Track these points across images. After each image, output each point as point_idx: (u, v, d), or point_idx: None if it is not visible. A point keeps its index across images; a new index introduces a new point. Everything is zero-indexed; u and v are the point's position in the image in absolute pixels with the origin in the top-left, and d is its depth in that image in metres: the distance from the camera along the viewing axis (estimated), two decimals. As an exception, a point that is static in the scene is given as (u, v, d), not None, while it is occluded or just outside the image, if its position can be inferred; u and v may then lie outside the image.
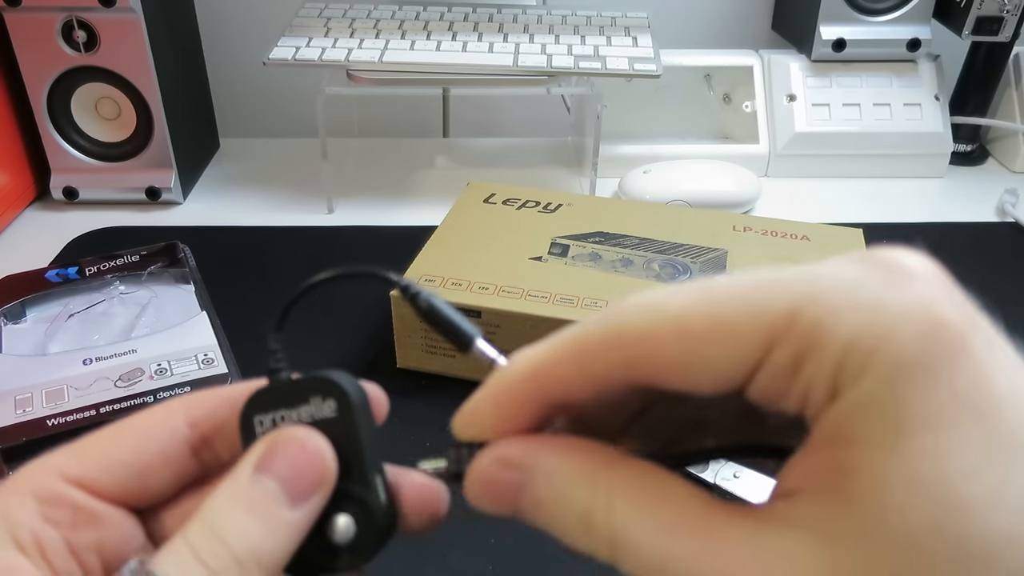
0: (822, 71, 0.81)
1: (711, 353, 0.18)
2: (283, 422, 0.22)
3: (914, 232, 0.73)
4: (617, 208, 0.63)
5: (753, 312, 0.17)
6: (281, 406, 0.22)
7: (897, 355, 0.16)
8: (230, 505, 0.20)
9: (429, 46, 0.70)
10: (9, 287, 0.58)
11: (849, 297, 0.17)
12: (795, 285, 0.18)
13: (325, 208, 0.75)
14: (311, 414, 0.22)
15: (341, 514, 0.22)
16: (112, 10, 0.67)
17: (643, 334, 0.18)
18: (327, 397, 0.22)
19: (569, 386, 0.19)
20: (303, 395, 0.22)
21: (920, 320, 0.17)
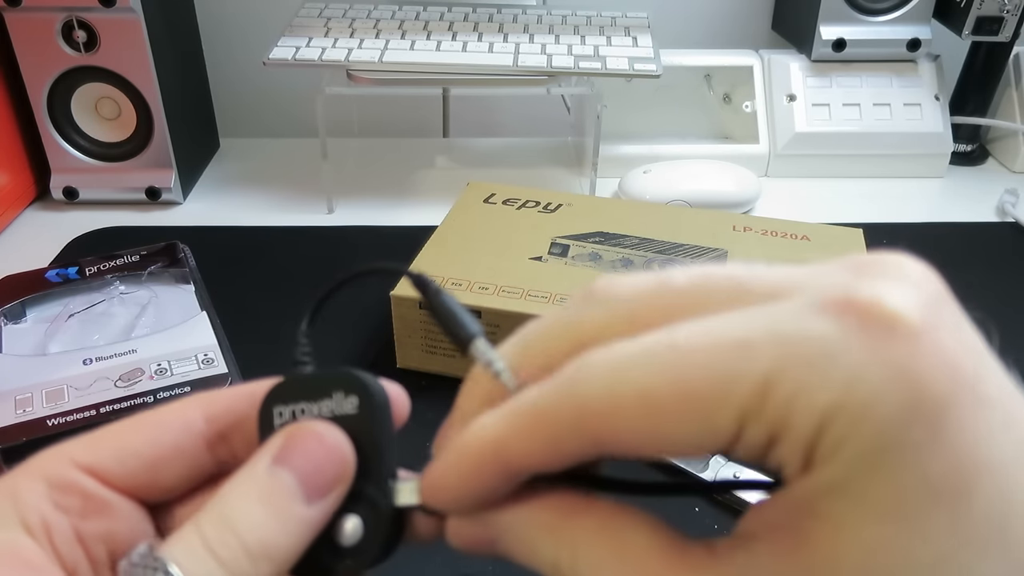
0: (822, 71, 0.81)
1: (681, 430, 0.17)
2: (303, 415, 0.22)
3: (914, 232, 0.73)
4: (617, 208, 0.63)
5: (723, 388, 0.17)
6: (302, 399, 0.22)
7: (868, 440, 0.16)
8: (245, 495, 0.20)
9: (429, 46, 0.70)
10: (9, 287, 0.58)
11: (822, 370, 0.16)
12: (766, 350, 0.16)
13: (325, 208, 0.75)
14: (332, 409, 0.22)
15: (350, 515, 0.21)
16: (112, 10, 0.67)
17: (607, 410, 0.18)
18: (349, 393, 0.22)
19: (532, 460, 0.19)
20: (325, 389, 0.22)
21: (897, 396, 0.16)
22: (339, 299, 0.64)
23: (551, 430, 0.18)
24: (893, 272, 0.18)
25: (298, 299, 0.62)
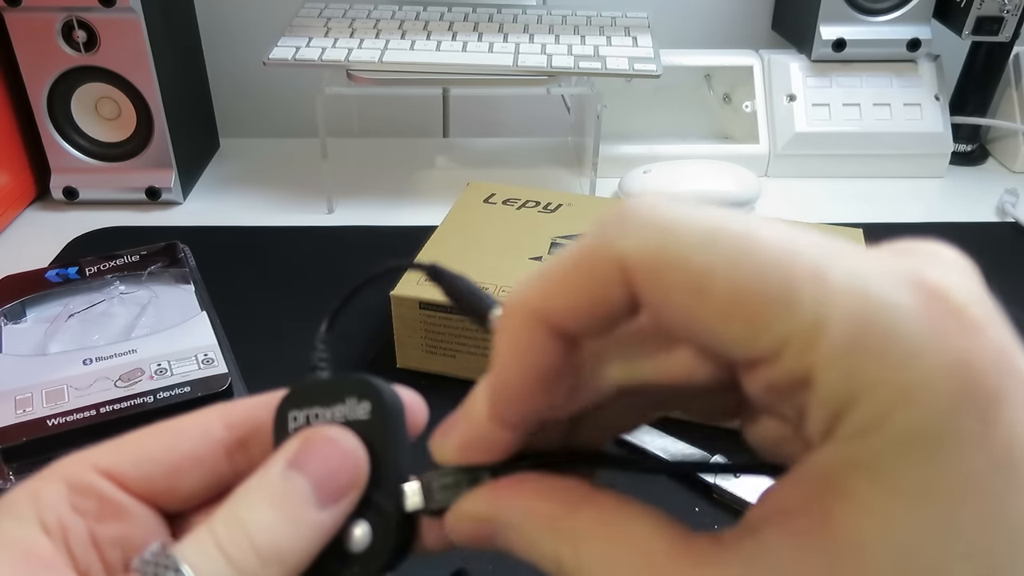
0: (822, 71, 0.81)
1: (720, 326, 0.16)
2: (316, 420, 0.22)
3: (914, 232, 0.72)
4: (617, 208, 0.63)
5: (782, 305, 0.16)
6: (316, 403, 0.22)
7: (913, 423, 0.15)
8: (258, 498, 0.20)
9: (429, 46, 0.70)
10: (9, 287, 0.58)
11: (884, 336, 0.15)
12: (840, 291, 0.16)
13: (325, 208, 0.75)
14: (344, 414, 0.22)
15: (360, 521, 0.21)
16: (112, 10, 0.67)
17: (653, 270, 0.16)
18: (362, 399, 0.22)
19: (575, 313, 0.18)
20: (339, 395, 0.22)
21: (952, 384, 0.15)
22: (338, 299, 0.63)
23: (589, 281, 0.17)
24: (951, 263, 0.17)
25: (298, 299, 0.62)
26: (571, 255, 0.18)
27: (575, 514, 0.19)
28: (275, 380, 0.37)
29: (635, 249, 0.17)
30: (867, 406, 0.15)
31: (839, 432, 0.16)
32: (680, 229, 0.17)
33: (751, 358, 0.16)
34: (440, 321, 0.51)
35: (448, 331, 0.52)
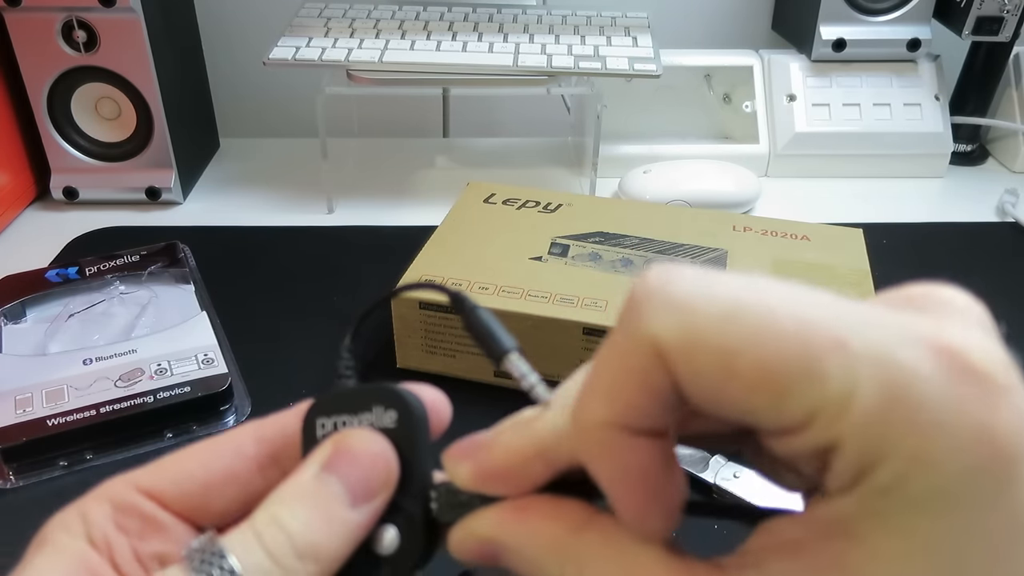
0: (822, 71, 0.81)
1: (750, 401, 0.17)
2: (344, 427, 0.22)
3: (914, 232, 0.73)
4: (617, 208, 0.63)
5: (805, 380, 0.16)
6: (344, 411, 0.22)
7: (934, 486, 0.16)
8: (295, 498, 0.21)
9: (429, 46, 0.70)
10: (9, 287, 0.58)
11: (909, 407, 0.16)
12: (862, 362, 0.16)
13: (325, 208, 0.75)
14: (371, 422, 0.22)
15: (388, 525, 0.22)
16: (112, 10, 0.67)
17: (681, 352, 0.17)
18: (389, 408, 0.22)
19: (633, 408, 0.18)
20: (366, 403, 0.22)
21: (974, 451, 0.16)
22: (338, 298, 0.64)
23: (636, 378, 0.18)
24: (967, 315, 0.18)
25: (298, 299, 0.62)
26: (609, 355, 0.18)
27: (580, 536, 0.19)
28: (275, 380, 0.37)
29: (661, 334, 0.17)
30: (890, 468, 0.16)
31: (860, 488, 0.16)
32: (699, 308, 0.17)
33: (780, 428, 0.17)
34: (440, 321, 0.51)
35: (448, 331, 0.52)
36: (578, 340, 0.50)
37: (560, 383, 0.22)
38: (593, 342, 0.49)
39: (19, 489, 0.45)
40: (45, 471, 0.46)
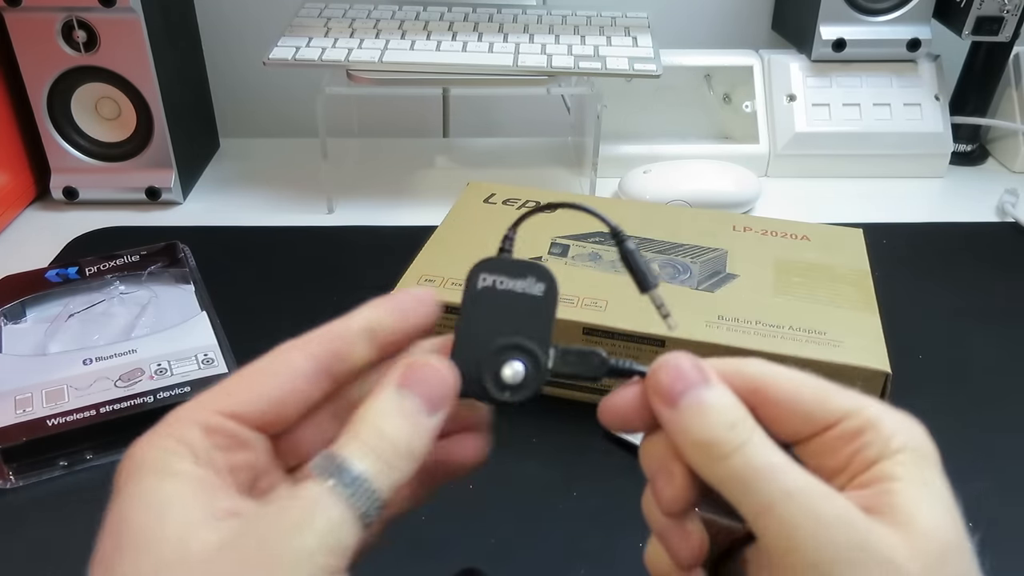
0: (822, 71, 0.81)
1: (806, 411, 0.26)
2: (501, 285, 0.29)
3: (914, 232, 0.73)
4: (617, 208, 0.63)
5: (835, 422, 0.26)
6: (504, 274, 0.29)
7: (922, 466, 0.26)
8: (387, 411, 0.26)
9: (429, 46, 0.70)
10: (9, 287, 0.58)
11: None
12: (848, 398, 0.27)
13: (325, 208, 0.75)
14: (524, 288, 0.28)
15: (516, 361, 0.28)
16: (112, 10, 0.67)
17: (768, 383, 0.27)
18: (540, 280, 0.29)
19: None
20: (524, 272, 0.29)
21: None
22: (339, 298, 0.64)
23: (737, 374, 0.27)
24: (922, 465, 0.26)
25: (298, 299, 0.62)
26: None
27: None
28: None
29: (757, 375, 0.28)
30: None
31: (887, 461, 0.26)
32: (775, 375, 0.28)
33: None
34: (440, 321, 0.51)
35: (448, 331, 0.52)
36: (578, 340, 0.50)
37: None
38: (593, 342, 0.49)
39: (19, 489, 0.45)
40: (45, 471, 0.46)
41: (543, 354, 0.28)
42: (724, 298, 0.51)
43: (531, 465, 0.47)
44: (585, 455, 0.48)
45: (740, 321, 0.49)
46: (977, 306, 0.62)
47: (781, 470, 0.24)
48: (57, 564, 0.41)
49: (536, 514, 0.45)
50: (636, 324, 0.49)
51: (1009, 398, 0.53)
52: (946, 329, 0.60)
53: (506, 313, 0.28)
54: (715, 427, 0.25)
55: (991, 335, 0.59)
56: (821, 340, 0.47)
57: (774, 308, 0.50)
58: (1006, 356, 0.57)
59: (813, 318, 0.49)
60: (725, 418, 0.26)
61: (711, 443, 0.25)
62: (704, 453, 0.25)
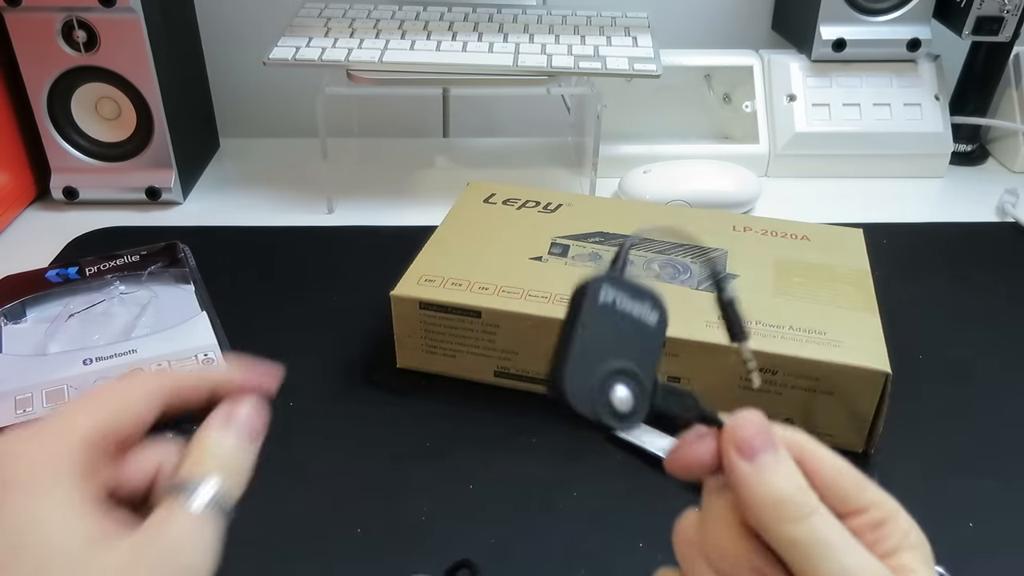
0: (822, 71, 0.81)
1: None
2: (620, 305, 0.28)
3: (914, 232, 0.73)
4: (617, 208, 0.63)
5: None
6: (626, 293, 0.28)
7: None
8: (218, 437, 0.29)
9: (429, 46, 0.70)
10: (9, 287, 0.58)
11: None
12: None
13: (325, 208, 0.75)
14: (640, 314, 0.28)
15: (624, 387, 0.27)
16: (112, 10, 0.67)
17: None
18: (655, 309, 0.29)
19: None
20: (642, 297, 0.28)
21: None
22: (339, 299, 0.64)
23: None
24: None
25: (298, 299, 0.62)
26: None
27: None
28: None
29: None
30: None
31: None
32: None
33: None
34: (440, 321, 0.51)
35: (448, 331, 0.52)
36: (578, 340, 0.50)
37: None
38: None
39: (19, 489, 0.45)
40: (45, 471, 0.46)
41: (650, 387, 0.28)
42: (724, 298, 0.51)
43: (531, 465, 0.47)
44: (585, 455, 0.48)
45: (740, 321, 0.49)
46: (977, 306, 0.62)
47: (846, 548, 0.25)
48: (57, 564, 0.41)
49: (536, 514, 0.45)
50: (636, 324, 0.49)
51: (1009, 398, 0.53)
52: (946, 329, 0.60)
53: (622, 336, 0.28)
54: (790, 487, 0.26)
55: (991, 335, 0.59)
56: (821, 340, 0.47)
57: (774, 308, 0.50)
58: (1006, 356, 0.57)
59: (813, 318, 0.49)
60: (798, 480, 0.26)
61: (784, 502, 0.26)
62: (775, 511, 0.26)
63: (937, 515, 0.30)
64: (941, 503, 0.45)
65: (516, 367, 0.52)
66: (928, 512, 0.29)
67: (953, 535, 0.29)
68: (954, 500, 0.46)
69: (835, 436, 0.48)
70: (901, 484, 0.30)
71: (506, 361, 0.52)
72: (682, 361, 0.48)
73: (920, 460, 0.48)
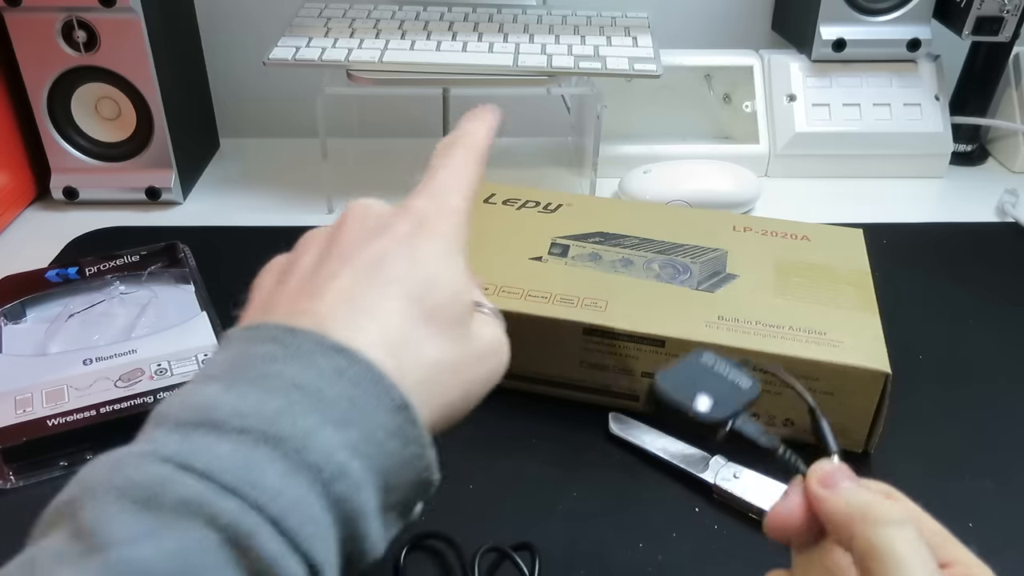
0: (822, 71, 0.81)
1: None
2: (719, 366, 0.34)
3: (914, 232, 0.73)
4: (617, 208, 0.63)
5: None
6: (727, 361, 0.34)
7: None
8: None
9: (429, 46, 0.70)
10: (9, 287, 0.58)
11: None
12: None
13: (325, 208, 0.75)
14: (735, 379, 0.34)
15: (708, 399, 0.33)
16: (112, 10, 0.67)
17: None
18: (750, 378, 0.34)
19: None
20: (741, 366, 0.34)
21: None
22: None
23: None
24: None
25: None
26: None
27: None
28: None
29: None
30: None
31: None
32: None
33: None
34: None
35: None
36: (578, 340, 0.50)
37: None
38: (593, 342, 0.49)
39: (19, 489, 0.46)
40: (45, 471, 0.46)
41: (731, 411, 0.33)
42: (724, 298, 0.51)
43: (531, 465, 0.47)
44: (585, 455, 0.48)
45: (740, 322, 0.49)
46: (977, 306, 0.62)
47: (924, 567, 0.26)
48: (57, 564, 0.41)
49: (536, 514, 0.45)
50: (636, 324, 0.49)
51: (1009, 398, 0.53)
52: (946, 329, 0.60)
53: (716, 383, 0.34)
54: (875, 498, 0.28)
55: (991, 335, 0.59)
56: (821, 340, 0.47)
57: (774, 308, 0.50)
58: (1006, 356, 0.57)
59: (813, 318, 0.49)
60: (883, 495, 0.29)
61: (870, 503, 0.28)
62: (860, 512, 0.27)
63: (937, 515, 0.30)
64: (941, 503, 0.45)
65: (516, 367, 0.52)
66: (928, 512, 0.29)
67: (953, 535, 0.29)
68: (954, 500, 0.46)
69: (835, 436, 0.48)
70: (901, 484, 0.30)
71: (506, 361, 0.52)
72: (682, 361, 0.48)
73: (920, 460, 0.48)
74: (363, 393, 0.25)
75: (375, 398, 0.25)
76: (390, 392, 0.26)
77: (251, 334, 0.27)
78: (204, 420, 0.24)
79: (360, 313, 0.27)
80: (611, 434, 0.49)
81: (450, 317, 0.29)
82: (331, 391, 0.25)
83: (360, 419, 0.25)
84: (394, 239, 0.30)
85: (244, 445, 0.23)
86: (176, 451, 0.23)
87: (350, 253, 0.29)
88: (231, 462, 0.23)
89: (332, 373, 0.25)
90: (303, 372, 0.25)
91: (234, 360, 0.26)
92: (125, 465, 0.23)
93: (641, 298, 0.51)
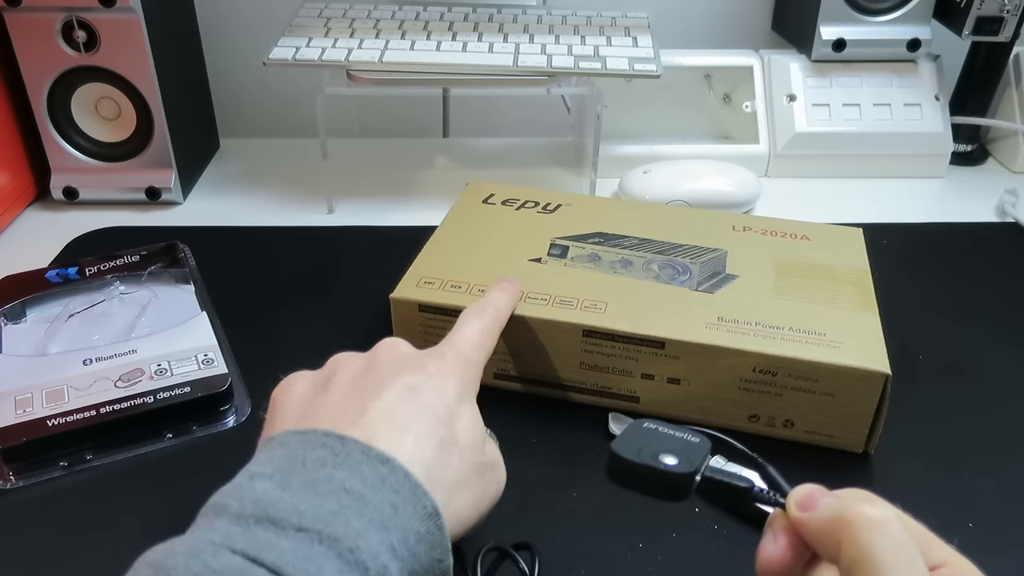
0: (822, 71, 0.81)
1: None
2: (661, 429, 0.34)
3: (914, 232, 0.73)
4: (617, 208, 0.63)
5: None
6: (666, 427, 0.35)
7: None
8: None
9: (429, 46, 0.70)
10: (9, 287, 0.58)
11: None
12: None
13: (325, 208, 0.75)
14: (682, 435, 0.34)
15: (673, 457, 0.32)
16: (112, 10, 0.67)
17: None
18: (695, 435, 0.34)
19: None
20: (681, 429, 0.34)
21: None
22: (339, 300, 0.64)
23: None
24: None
25: (298, 299, 0.62)
26: None
27: None
28: (275, 380, 0.37)
29: None
30: None
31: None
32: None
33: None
34: (440, 323, 0.51)
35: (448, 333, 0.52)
36: (578, 342, 0.50)
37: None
38: (593, 344, 0.49)
39: (19, 489, 0.45)
40: (45, 471, 0.46)
41: (698, 463, 0.33)
42: (724, 299, 0.51)
43: (531, 465, 0.47)
44: (585, 455, 0.48)
45: (740, 322, 0.49)
46: (977, 306, 0.62)
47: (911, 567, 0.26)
48: (57, 564, 0.41)
49: (536, 514, 0.45)
50: (635, 326, 0.49)
51: (1009, 398, 0.53)
52: (946, 329, 0.60)
53: (668, 442, 0.34)
54: (846, 505, 0.28)
55: (991, 335, 0.59)
56: (821, 341, 0.47)
57: (774, 309, 0.50)
58: (1006, 356, 0.57)
59: (813, 319, 0.49)
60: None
61: (845, 512, 0.28)
62: (842, 520, 0.28)
63: (937, 515, 0.30)
64: (941, 503, 0.45)
65: (516, 369, 0.52)
66: (928, 512, 0.29)
67: (953, 535, 0.29)
68: (954, 500, 0.46)
69: (835, 437, 0.48)
70: (901, 484, 0.30)
71: (506, 363, 0.52)
72: (682, 362, 0.48)
73: (920, 460, 0.48)
74: (402, 500, 0.29)
75: (412, 506, 0.29)
76: (423, 500, 0.30)
77: (302, 439, 0.31)
78: (263, 516, 0.27)
79: (399, 430, 0.32)
80: (611, 434, 0.49)
81: (467, 444, 0.34)
82: (375, 497, 0.29)
83: (399, 524, 0.29)
84: (425, 375, 0.35)
85: (303, 543, 0.26)
86: (246, 545, 0.26)
87: (389, 379, 0.34)
88: (293, 557, 0.26)
89: (376, 480, 0.29)
90: (350, 477, 0.29)
91: (287, 461, 0.30)
92: (202, 552, 0.26)
93: (641, 299, 0.51)
